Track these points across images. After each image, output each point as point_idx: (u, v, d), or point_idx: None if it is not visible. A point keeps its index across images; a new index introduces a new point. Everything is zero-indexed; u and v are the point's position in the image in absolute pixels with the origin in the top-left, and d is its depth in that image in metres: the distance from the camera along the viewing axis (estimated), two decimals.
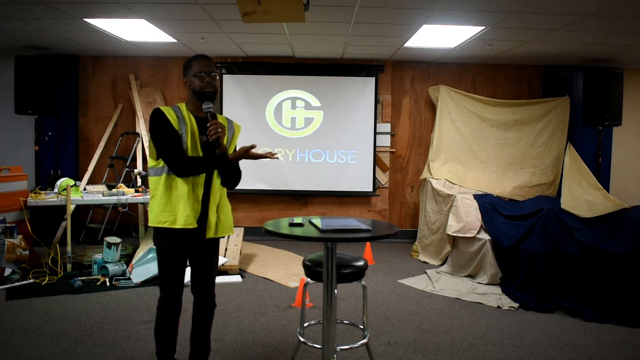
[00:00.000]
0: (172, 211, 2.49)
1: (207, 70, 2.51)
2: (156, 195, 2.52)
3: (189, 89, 2.57)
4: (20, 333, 3.37)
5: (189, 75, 2.54)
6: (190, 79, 2.53)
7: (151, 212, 2.53)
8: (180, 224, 2.49)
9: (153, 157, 2.53)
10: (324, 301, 2.55)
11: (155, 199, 2.52)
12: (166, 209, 2.50)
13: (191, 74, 2.53)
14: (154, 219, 2.52)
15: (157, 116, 2.48)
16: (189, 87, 2.56)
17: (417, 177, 6.67)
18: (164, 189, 2.50)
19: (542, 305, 4.10)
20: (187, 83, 2.56)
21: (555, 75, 6.57)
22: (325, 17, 4.45)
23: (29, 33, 5.22)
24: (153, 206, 2.52)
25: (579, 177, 4.89)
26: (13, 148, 6.53)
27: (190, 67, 2.54)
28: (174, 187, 2.50)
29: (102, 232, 6.13)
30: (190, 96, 2.58)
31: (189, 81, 2.54)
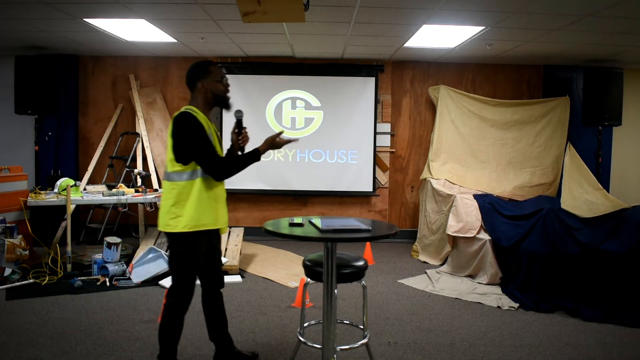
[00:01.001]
0: (213, 212, 2.59)
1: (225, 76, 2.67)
2: (190, 200, 2.51)
3: (205, 93, 2.61)
4: (20, 333, 3.37)
5: (208, 79, 2.61)
6: (213, 83, 2.61)
7: (181, 217, 2.50)
8: (221, 224, 2.67)
9: (182, 161, 2.51)
10: (324, 301, 2.55)
11: (190, 203, 2.51)
12: (206, 211, 2.55)
13: (212, 79, 2.61)
14: (189, 223, 2.50)
15: (192, 121, 2.50)
16: (207, 91, 2.61)
17: (417, 177, 6.67)
18: (199, 192, 2.53)
19: (542, 305, 4.10)
20: (205, 87, 2.61)
21: (555, 75, 6.57)
22: (325, 17, 4.45)
23: (29, 33, 5.22)
24: (187, 211, 2.51)
25: (579, 177, 4.89)
26: (13, 148, 6.53)
27: (209, 73, 2.62)
28: (209, 189, 2.57)
29: (102, 232, 6.13)
30: (204, 100, 2.63)
31: (209, 86, 2.61)
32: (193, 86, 2.64)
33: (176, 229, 2.51)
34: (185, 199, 2.52)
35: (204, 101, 2.63)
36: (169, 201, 2.54)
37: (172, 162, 2.54)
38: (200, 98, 2.63)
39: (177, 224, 2.50)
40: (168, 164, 2.57)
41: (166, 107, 6.58)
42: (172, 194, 2.53)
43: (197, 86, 2.62)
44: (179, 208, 2.51)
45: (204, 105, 2.64)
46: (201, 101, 2.63)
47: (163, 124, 6.50)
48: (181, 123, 2.52)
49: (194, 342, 3.31)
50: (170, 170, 2.55)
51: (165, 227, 2.55)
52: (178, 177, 2.53)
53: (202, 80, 2.61)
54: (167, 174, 2.58)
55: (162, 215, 2.57)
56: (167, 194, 2.56)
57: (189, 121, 2.51)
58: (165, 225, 2.55)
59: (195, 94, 2.65)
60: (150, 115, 6.45)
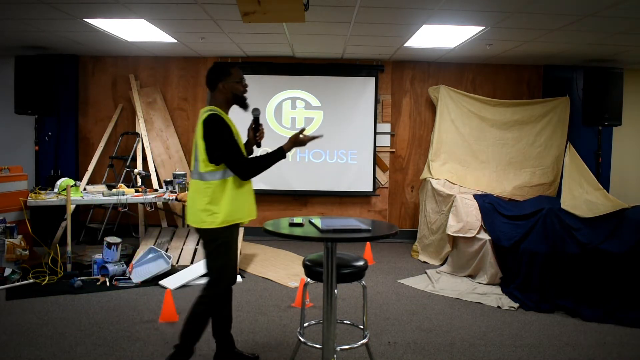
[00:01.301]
0: (245, 206, 2.76)
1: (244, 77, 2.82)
2: (225, 197, 2.64)
3: (225, 93, 2.75)
4: (20, 333, 3.37)
5: (229, 81, 2.74)
6: (233, 84, 2.75)
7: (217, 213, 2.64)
8: (252, 215, 2.83)
9: (215, 162, 2.64)
10: (324, 301, 2.55)
11: (225, 200, 2.64)
12: (239, 205, 2.71)
13: (232, 80, 2.75)
14: (227, 219, 2.65)
15: (221, 123, 2.64)
16: (228, 91, 2.75)
17: (417, 177, 6.67)
18: (232, 189, 2.67)
19: (542, 305, 4.10)
20: (226, 88, 2.74)
21: (555, 75, 6.57)
22: (325, 17, 4.45)
23: (29, 33, 5.22)
24: (223, 207, 2.64)
25: (579, 177, 4.89)
26: (13, 148, 6.53)
27: (230, 74, 2.75)
28: (241, 185, 2.72)
29: (102, 232, 6.13)
30: (225, 100, 2.76)
31: (230, 86, 2.75)
32: (214, 86, 2.77)
33: (213, 225, 2.64)
34: (220, 196, 2.65)
35: (225, 101, 2.77)
36: (204, 199, 2.65)
37: (205, 162, 2.64)
38: (221, 98, 2.76)
39: (213, 220, 2.64)
40: (200, 164, 2.66)
41: (166, 107, 6.58)
42: (207, 193, 2.65)
43: (218, 86, 2.75)
44: (215, 205, 2.64)
45: (225, 104, 2.77)
46: (222, 101, 2.76)
47: (163, 124, 6.50)
48: (211, 125, 2.63)
49: None
50: (203, 170, 2.66)
51: (202, 223, 2.66)
52: (211, 176, 2.65)
53: (223, 81, 2.74)
54: (200, 173, 2.67)
55: (197, 213, 2.67)
56: (202, 193, 2.66)
57: (218, 123, 2.63)
58: (201, 222, 2.66)
59: (215, 94, 2.78)
60: (150, 115, 6.45)
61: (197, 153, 2.69)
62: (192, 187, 2.75)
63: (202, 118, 2.67)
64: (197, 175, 2.69)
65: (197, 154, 2.68)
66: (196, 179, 2.70)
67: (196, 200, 2.68)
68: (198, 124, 2.69)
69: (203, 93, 6.64)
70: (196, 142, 2.69)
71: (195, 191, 2.70)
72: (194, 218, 2.70)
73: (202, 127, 2.64)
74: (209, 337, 3.37)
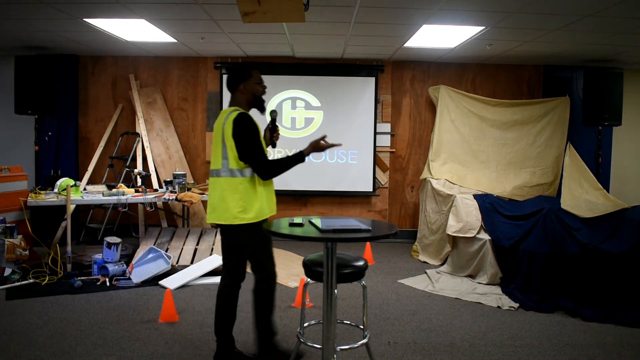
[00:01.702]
0: (270, 202, 2.89)
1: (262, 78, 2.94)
2: (255, 193, 2.78)
3: (246, 94, 2.87)
4: (20, 333, 3.37)
5: (250, 82, 2.88)
6: (253, 85, 2.88)
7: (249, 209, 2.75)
8: (274, 212, 2.92)
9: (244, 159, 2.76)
10: (324, 301, 2.55)
11: (256, 196, 2.77)
12: (266, 202, 2.84)
13: (253, 82, 2.88)
14: (258, 214, 2.78)
15: (251, 122, 2.76)
16: (248, 92, 2.87)
17: (417, 177, 6.67)
18: (261, 185, 2.81)
19: (542, 305, 4.10)
20: (247, 89, 2.87)
21: (555, 75, 6.57)
22: (325, 17, 4.45)
23: (29, 33, 5.22)
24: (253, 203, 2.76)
25: (579, 177, 4.89)
26: (13, 148, 6.53)
27: (250, 76, 2.88)
28: (267, 184, 2.86)
29: (102, 232, 6.13)
30: (245, 101, 2.89)
31: (251, 88, 2.87)
32: (234, 88, 2.89)
33: (244, 221, 2.76)
34: (252, 192, 2.77)
35: (246, 102, 2.89)
36: (236, 196, 2.76)
37: (236, 159, 2.75)
38: (242, 99, 2.89)
39: (245, 215, 2.75)
40: (231, 161, 2.76)
41: (166, 107, 6.58)
42: (239, 190, 2.76)
43: (239, 88, 2.87)
44: (247, 201, 2.76)
45: (246, 105, 2.89)
46: (243, 102, 2.88)
47: (163, 124, 6.50)
48: (243, 124, 2.73)
49: (194, 341, 3.30)
50: (234, 167, 2.77)
51: (234, 219, 2.76)
52: (242, 173, 2.77)
53: (243, 82, 2.87)
54: (231, 170, 2.77)
55: (228, 210, 2.76)
56: (233, 190, 2.76)
57: (249, 123, 2.75)
58: (233, 218, 2.76)
59: (236, 95, 2.90)
60: (150, 115, 6.45)
61: (225, 151, 2.77)
62: (219, 184, 2.81)
63: (231, 117, 2.75)
64: (228, 173, 2.78)
65: (226, 152, 2.77)
66: (226, 177, 2.79)
67: (227, 197, 2.77)
68: (226, 123, 2.76)
69: (203, 93, 6.64)
70: (223, 140, 2.78)
71: (225, 189, 2.78)
72: (225, 215, 2.77)
73: (232, 125, 2.73)
74: (208, 337, 3.38)
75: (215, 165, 2.85)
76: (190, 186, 5.53)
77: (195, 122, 6.67)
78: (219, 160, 2.81)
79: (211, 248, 5.16)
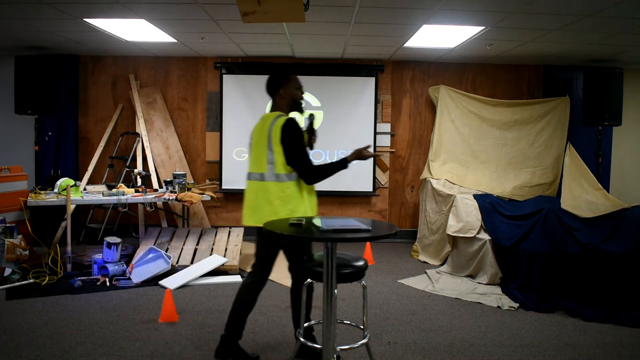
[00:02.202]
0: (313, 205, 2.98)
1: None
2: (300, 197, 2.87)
3: (286, 98, 2.96)
4: (20, 333, 3.37)
5: (289, 87, 2.96)
6: (292, 90, 2.97)
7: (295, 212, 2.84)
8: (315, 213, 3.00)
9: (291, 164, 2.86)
10: (324, 301, 2.55)
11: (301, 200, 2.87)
12: (309, 204, 2.93)
13: (292, 86, 2.97)
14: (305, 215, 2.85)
15: (298, 128, 2.85)
16: (288, 96, 2.96)
17: (417, 177, 6.67)
18: (305, 189, 2.91)
19: (542, 305, 4.10)
20: (287, 93, 2.96)
21: (555, 75, 6.57)
22: (325, 17, 4.45)
23: (29, 33, 5.22)
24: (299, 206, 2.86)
25: (579, 177, 4.89)
26: (13, 148, 6.53)
27: (290, 80, 2.97)
28: (310, 187, 2.95)
29: (102, 232, 6.13)
30: (286, 105, 2.98)
31: (290, 92, 2.97)
32: (275, 92, 2.98)
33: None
34: (298, 196, 2.87)
35: (286, 106, 2.98)
36: (283, 200, 2.85)
37: (283, 164, 2.83)
38: (283, 103, 2.98)
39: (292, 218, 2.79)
40: (278, 166, 2.84)
41: (166, 107, 6.58)
42: (286, 193, 2.85)
43: (279, 92, 2.96)
44: (293, 204, 2.85)
45: (286, 109, 2.98)
46: (284, 106, 2.98)
47: (163, 124, 6.50)
48: (291, 130, 2.81)
49: (194, 341, 3.31)
50: (281, 172, 2.84)
51: None
52: (289, 177, 2.85)
53: (283, 87, 2.95)
54: (277, 175, 2.85)
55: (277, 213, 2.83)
56: (279, 194, 2.84)
57: (297, 129, 2.83)
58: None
59: (276, 100, 2.99)
60: (150, 115, 6.45)
61: (271, 156, 2.84)
62: (264, 188, 2.88)
63: (279, 123, 2.82)
64: (275, 177, 2.85)
65: (273, 157, 2.84)
66: (273, 181, 2.86)
67: (274, 201, 2.84)
68: (273, 128, 2.83)
69: (203, 93, 6.64)
70: (269, 145, 2.84)
71: (271, 193, 2.85)
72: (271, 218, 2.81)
73: (280, 131, 2.79)
74: (208, 337, 3.38)
75: (259, 169, 2.91)
76: (190, 186, 5.53)
77: (195, 122, 6.67)
78: (264, 165, 2.87)
79: (211, 248, 5.16)
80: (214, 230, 5.57)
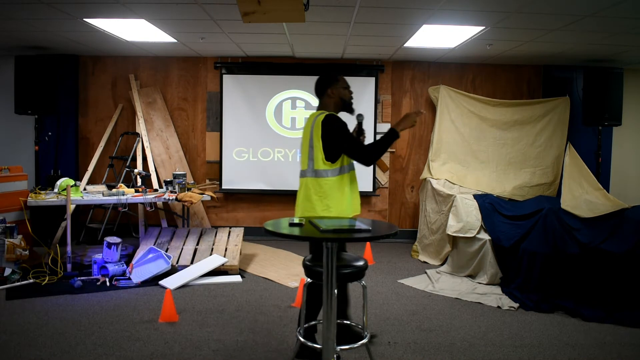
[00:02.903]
0: (353, 202, 3.02)
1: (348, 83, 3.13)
2: (337, 192, 2.92)
3: (334, 98, 3.05)
4: (20, 333, 3.38)
5: (337, 87, 3.06)
6: (340, 90, 3.06)
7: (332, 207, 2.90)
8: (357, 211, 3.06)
9: (331, 160, 2.92)
10: (324, 301, 2.55)
11: (338, 196, 2.92)
12: (348, 201, 2.96)
13: (340, 86, 3.06)
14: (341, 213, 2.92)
15: (340, 121, 2.94)
16: (336, 96, 3.05)
17: (417, 177, 6.67)
18: (344, 186, 2.96)
19: (542, 305, 4.10)
20: (335, 93, 3.05)
21: (555, 75, 6.57)
22: (325, 17, 4.45)
23: (29, 33, 5.22)
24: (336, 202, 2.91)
25: (579, 177, 4.89)
26: (13, 148, 6.53)
27: (337, 81, 3.06)
28: (350, 183, 3.01)
29: (102, 232, 6.13)
30: (333, 105, 3.07)
31: (338, 92, 3.06)
32: (322, 93, 3.08)
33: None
34: (334, 192, 2.92)
35: (333, 105, 3.06)
36: (319, 195, 2.93)
37: (323, 160, 2.92)
38: (330, 103, 3.06)
39: (328, 214, 2.90)
40: (318, 162, 2.93)
41: (166, 107, 6.58)
42: (324, 189, 2.92)
43: (327, 92, 3.05)
44: (330, 200, 2.91)
45: (334, 109, 3.06)
46: (331, 106, 3.06)
47: (163, 124, 6.50)
48: (331, 124, 2.90)
49: (194, 341, 3.31)
50: (320, 168, 2.93)
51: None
52: (327, 174, 2.93)
53: (331, 87, 3.04)
54: (316, 171, 2.95)
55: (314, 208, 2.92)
56: (317, 189, 2.93)
57: (338, 122, 2.91)
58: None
59: (324, 100, 3.09)
60: (150, 115, 6.45)
61: (311, 153, 2.95)
62: (305, 184, 3.00)
63: (319, 120, 2.92)
64: (313, 174, 2.96)
65: (312, 153, 2.94)
66: (312, 177, 2.96)
67: (311, 196, 2.94)
68: (314, 126, 2.93)
69: (203, 93, 6.64)
70: (310, 142, 2.95)
71: (309, 188, 2.96)
72: (309, 214, 2.92)
73: (320, 127, 2.89)
74: (208, 337, 3.37)
75: (303, 167, 3.04)
76: (190, 186, 5.53)
77: (195, 122, 6.67)
78: (306, 162, 3.00)
79: (211, 248, 5.16)
80: (214, 230, 5.58)
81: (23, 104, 5.75)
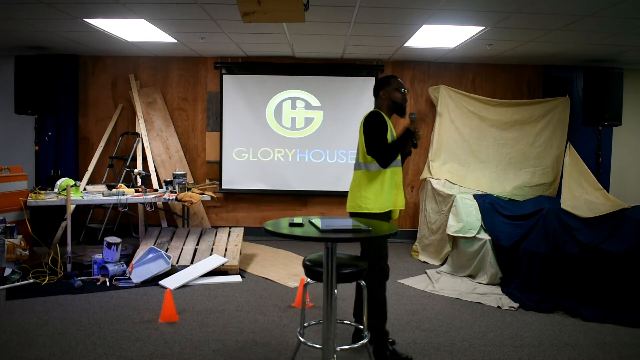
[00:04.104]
0: (394, 196, 3.10)
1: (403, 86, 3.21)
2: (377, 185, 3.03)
3: (386, 100, 3.18)
4: (20, 333, 3.37)
5: (389, 89, 3.17)
6: (393, 92, 3.17)
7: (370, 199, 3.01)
8: (399, 205, 3.16)
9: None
10: (324, 301, 2.55)
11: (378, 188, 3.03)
12: (388, 195, 3.05)
13: (392, 88, 3.17)
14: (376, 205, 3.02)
15: (378, 119, 3.07)
16: (387, 98, 3.17)
17: (417, 177, 6.67)
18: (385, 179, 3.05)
19: (542, 305, 4.10)
20: (387, 95, 3.17)
21: (555, 75, 6.57)
22: (325, 17, 4.45)
23: (29, 33, 5.22)
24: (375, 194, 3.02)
25: (579, 177, 4.89)
26: (13, 148, 6.53)
27: (390, 84, 3.18)
28: (392, 177, 3.10)
29: (102, 232, 6.13)
30: (386, 106, 3.19)
31: (390, 94, 3.17)
32: (376, 95, 3.23)
33: (366, 210, 3.02)
34: (376, 185, 3.03)
35: (386, 106, 3.20)
36: (361, 187, 3.07)
37: (364, 154, 3.08)
38: (383, 104, 3.20)
39: (366, 205, 3.02)
40: (360, 155, 3.12)
41: (166, 107, 6.58)
42: (364, 181, 3.07)
43: (380, 94, 3.20)
44: (369, 192, 3.03)
45: (386, 110, 3.19)
46: (384, 107, 3.20)
47: (163, 124, 6.50)
48: (370, 119, 3.06)
49: (194, 341, 3.31)
50: (362, 161, 3.11)
51: (358, 208, 3.05)
52: (368, 167, 3.07)
53: (383, 89, 3.18)
54: (360, 164, 3.13)
55: (355, 199, 3.08)
56: (359, 181, 3.10)
57: (375, 119, 3.06)
58: (357, 207, 3.06)
59: (378, 101, 3.24)
60: (150, 115, 6.45)
61: (358, 147, 3.15)
62: (354, 176, 3.17)
63: (364, 117, 3.13)
64: (357, 166, 3.15)
65: (359, 147, 3.13)
66: (356, 169, 3.15)
67: (354, 188, 3.12)
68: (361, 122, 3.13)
69: (203, 93, 6.64)
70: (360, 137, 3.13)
71: (354, 180, 3.15)
72: (352, 204, 3.10)
73: (363, 122, 3.09)
74: (208, 337, 3.38)
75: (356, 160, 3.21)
76: (190, 186, 5.53)
77: (195, 122, 6.67)
78: (357, 155, 3.18)
79: (211, 248, 5.16)
80: (214, 230, 5.58)
81: (23, 104, 5.75)
